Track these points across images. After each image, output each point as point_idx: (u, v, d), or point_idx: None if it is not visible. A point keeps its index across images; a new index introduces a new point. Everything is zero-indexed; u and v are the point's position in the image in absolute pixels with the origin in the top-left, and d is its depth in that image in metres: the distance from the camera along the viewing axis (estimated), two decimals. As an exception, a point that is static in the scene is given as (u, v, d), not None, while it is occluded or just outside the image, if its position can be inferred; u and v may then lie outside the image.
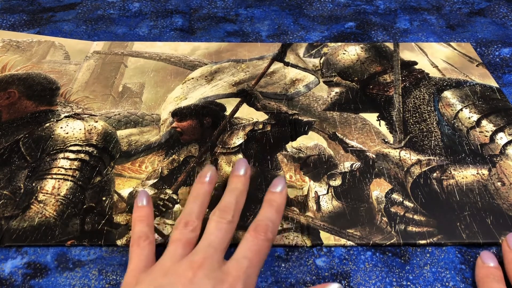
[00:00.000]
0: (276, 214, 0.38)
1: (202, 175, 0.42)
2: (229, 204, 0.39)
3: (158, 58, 0.64)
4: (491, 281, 0.37)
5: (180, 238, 0.36)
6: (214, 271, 0.33)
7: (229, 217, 0.37)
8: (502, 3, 0.77)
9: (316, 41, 0.68)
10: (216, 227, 0.37)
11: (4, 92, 0.57)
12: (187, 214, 0.38)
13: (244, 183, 0.41)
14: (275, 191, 0.40)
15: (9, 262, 0.40)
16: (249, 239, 0.36)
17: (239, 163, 0.42)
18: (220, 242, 0.36)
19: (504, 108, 0.55)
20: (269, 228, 0.36)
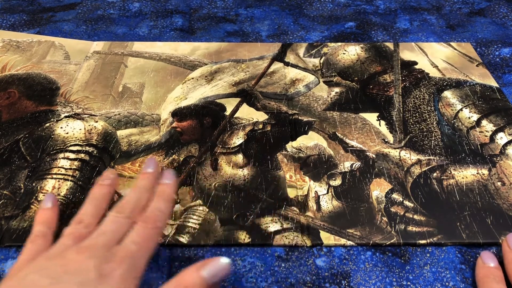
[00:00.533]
0: (166, 204, 0.39)
1: (102, 178, 0.42)
2: (129, 201, 0.39)
3: (158, 58, 0.64)
4: (491, 281, 0.37)
5: (72, 232, 0.36)
6: (100, 252, 0.33)
7: (126, 212, 0.37)
8: (502, 3, 0.77)
9: (316, 41, 0.68)
10: (111, 220, 0.37)
11: (4, 92, 0.57)
12: (82, 214, 0.38)
13: (151, 180, 0.41)
14: (164, 182, 0.41)
15: (9, 262, 0.40)
16: (138, 228, 0.36)
17: (148, 161, 0.42)
18: (112, 232, 0.36)
19: (504, 108, 0.55)
20: (158, 218, 0.37)
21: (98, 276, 0.32)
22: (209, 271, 0.34)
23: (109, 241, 0.35)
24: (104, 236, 0.35)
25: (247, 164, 0.49)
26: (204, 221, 0.44)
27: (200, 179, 0.48)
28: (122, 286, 0.32)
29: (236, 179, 0.47)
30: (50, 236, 0.38)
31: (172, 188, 0.40)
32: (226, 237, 0.42)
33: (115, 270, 0.32)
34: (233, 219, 0.44)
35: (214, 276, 0.34)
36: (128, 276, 0.33)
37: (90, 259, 0.33)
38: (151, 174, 0.41)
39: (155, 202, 0.39)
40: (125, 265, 0.33)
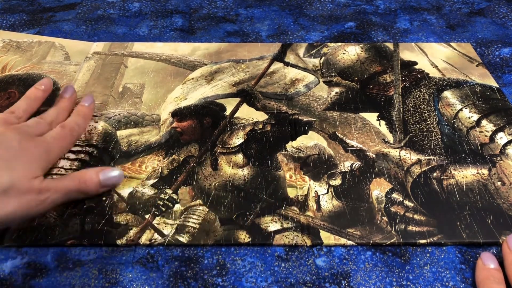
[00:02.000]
0: (83, 120, 0.49)
1: (40, 83, 0.51)
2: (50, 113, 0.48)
3: (158, 58, 0.65)
4: (492, 282, 0.37)
5: (3, 117, 0.44)
6: (24, 134, 0.42)
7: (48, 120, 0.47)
8: (502, 3, 0.77)
9: (316, 41, 0.68)
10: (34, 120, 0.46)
11: (4, 93, 0.57)
12: (15, 107, 0.47)
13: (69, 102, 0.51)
14: (84, 105, 0.51)
15: (9, 262, 0.40)
16: (56, 129, 0.46)
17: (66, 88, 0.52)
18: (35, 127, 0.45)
19: (504, 108, 0.55)
20: (74, 127, 0.48)
21: (19, 148, 0.41)
22: (104, 175, 0.44)
23: (31, 131, 0.44)
24: (27, 127, 0.44)
25: (247, 164, 0.49)
26: (204, 221, 0.44)
27: (200, 179, 0.48)
28: (35, 161, 0.41)
29: (236, 179, 0.47)
30: None
31: (90, 110, 0.51)
32: (226, 236, 0.42)
33: (32, 148, 0.42)
34: (233, 219, 0.44)
35: (108, 179, 0.44)
36: (41, 156, 0.42)
37: (14, 134, 0.42)
38: (68, 98, 0.51)
39: (73, 117, 0.49)
40: (40, 148, 0.42)
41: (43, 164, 0.43)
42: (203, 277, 0.39)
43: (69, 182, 0.42)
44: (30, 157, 0.41)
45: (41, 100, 0.49)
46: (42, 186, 0.40)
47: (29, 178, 0.40)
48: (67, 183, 0.42)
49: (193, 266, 0.40)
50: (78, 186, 0.42)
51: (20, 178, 0.39)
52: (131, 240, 0.42)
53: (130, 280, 0.39)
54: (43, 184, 0.40)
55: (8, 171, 0.39)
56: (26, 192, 0.39)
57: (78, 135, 0.48)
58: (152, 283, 0.39)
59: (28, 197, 0.39)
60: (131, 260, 0.40)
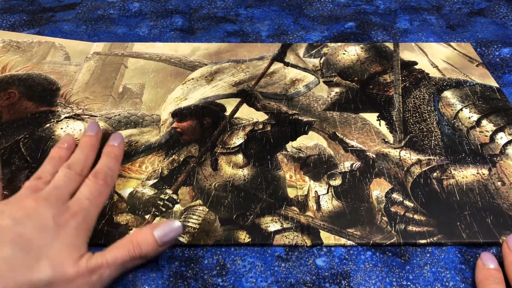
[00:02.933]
0: (114, 163, 0.43)
1: (62, 141, 0.45)
2: (78, 158, 0.42)
3: (158, 58, 0.65)
4: (491, 283, 0.37)
5: (30, 186, 0.39)
6: (56, 204, 0.37)
7: (77, 169, 0.41)
8: (502, 3, 0.77)
9: (316, 41, 0.68)
10: (63, 174, 0.40)
11: (4, 93, 0.57)
12: (41, 171, 0.41)
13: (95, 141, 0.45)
14: (113, 144, 0.45)
15: (9, 262, 0.40)
16: (89, 183, 0.40)
17: (90, 125, 0.46)
18: (65, 186, 0.39)
19: (504, 108, 0.55)
20: (108, 175, 0.41)
21: (55, 225, 0.35)
22: (160, 231, 0.38)
23: (63, 195, 0.38)
24: (58, 190, 0.38)
25: (247, 164, 0.49)
26: (204, 221, 0.44)
27: (200, 179, 0.48)
28: (76, 236, 0.36)
29: (236, 179, 0.47)
30: None
31: (119, 149, 0.45)
32: (226, 237, 0.42)
33: (69, 221, 0.36)
34: (233, 219, 0.44)
35: (165, 235, 0.38)
36: (81, 227, 0.37)
37: (47, 208, 0.36)
38: (94, 136, 0.45)
39: (104, 161, 0.43)
40: (79, 218, 0.37)
41: (85, 236, 0.37)
42: (203, 277, 0.39)
43: (120, 251, 0.37)
44: (69, 234, 0.35)
45: (66, 158, 0.43)
46: (91, 265, 0.35)
47: (74, 260, 0.34)
48: (118, 254, 0.36)
49: (193, 266, 0.40)
50: (132, 254, 0.37)
51: (64, 265, 0.34)
52: (131, 240, 0.42)
53: (130, 280, 0.39)
54: (91, 262, 0.35)
55: (48, 260, 0.33)
56: (75, 278, 0.34)
57: (113, 183, 0.42)
58: (152, 283, 0.39)
59: (79, 283, 0.34)
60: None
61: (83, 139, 0.45)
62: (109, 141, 0.45)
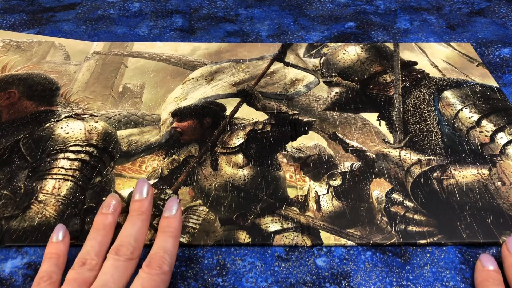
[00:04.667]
0: (172, 241, 0.37)
1: (104, 205, 0.40)
2: (128, 237, 0.36)
3: (158, 58, 0.65)
4: (491, 284, 0.37)
5: (76, 278, 0.34)
6: None
7: (127, 254, 0.35)
8: (502, 3, 0.77)
9: (316, 41, 0.68)
10: (112, 265, 0.35)
11: (4, 92, 0.57)
12: (85, 253, 0.36)
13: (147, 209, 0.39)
14: (168, 216, 0.38)
15: (9, 262, 0.40)
16: (143, 275, 0.34)
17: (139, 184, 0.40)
18: (115, 281, 0.34)
19: (504, 108, 0.55)
20: (164, 261, 0.35)
21: None
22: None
23: None
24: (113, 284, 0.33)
25: (247, 164, 0.49)
26: (204, 221, 0.44)
27: (200, 179, 0.48)
28: None
29: (236, 179, 0.47)
30: (57, 275, 0.36)
31: (177, 222, 0.38)
32: (226, 237, 0.42)
33: None
34: (233, 219, 0.44)
35: None
36: None
37: None
38: (145, 200, 0.39)
39: (159, 241, 0.36)
40: None
41: None
42: (203, 277, 0.39)
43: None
44: None
45: (113, 227, 0.38)
46: None
47: None
48: None
49: (193, 266, 0.40)
50: None
51: None
52: (131, 240, 0.42)
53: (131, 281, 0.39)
54: None
55: None
56: None
57: (171, 268, 0.36)
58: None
59: None
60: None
61: (132, 206, 0.39)
62: (164, 211, 0.38)
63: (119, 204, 0.40)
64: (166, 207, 0.38)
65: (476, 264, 0.39)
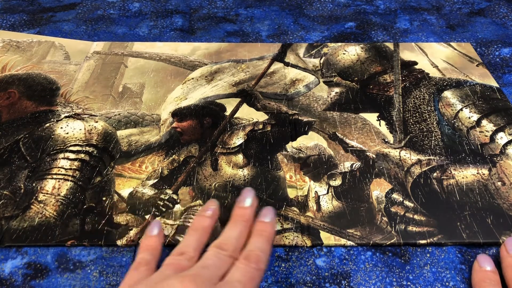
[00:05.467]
0: (267, 245, 0.37)
1: (204, 209, 0.40)
2: (230, 236, 0.37)
3: (158, 58, 0.64)
4: (488, 285, 0.37)
5: (173, 263, 0.35)
6: (206, 282, 0.32)
7: (229, 250, 0.36)
8: (502, 3, 0.77)
9: (316, 41, 0.68)
10: (213, 255, 0.36)
11: (4, 92, 0.57)
12: (184, 246, 0.37)
13: (250, 215, 0.39)
14: (264, 221, 0.39)
15: (9, 262, 0.40)
16: (241, 267, 0.35)
17: (246, 193, 0.41)
18: (215, 267, 0.34)
19: (504, 108, 0.55)
20: (260, 258, 0.35)
21: None
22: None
23: (213, 276, 0.33)
24: (207, 270, 0.34)
25: (247, 164, 0.49)
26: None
27: (200, 179, 0.48)
28: None
29: (236, 179, 0.47)
30: (153, 265, 0.37)
31: (273, 228, 0.39)
32: (226, 237, 0.42)
33: None
34: (233, 219, 0.44)
35: None
36: None
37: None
38: (249, 209, 0.39)
39: (256, 241, 0.37)
40: None
41: None
42: (203, 277, 0.39)
43: None
44: None
45: (211, 229, 0.39)
46: None
47: None
48: None
49: (193, 266, 0.40)
50: None
51: None
52: (131, 240, 0.42)
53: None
54: None
55: None
56: None
57: (265, 267, 0.36)
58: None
59: None
60: (132, 261, 0.40)
61: (236, 212, 0.39)
62: (260, 216, 0.39)
63: (217, 211, 0.41)
64: (264, 213, 0.39)
65: (474, 265, 0.39)
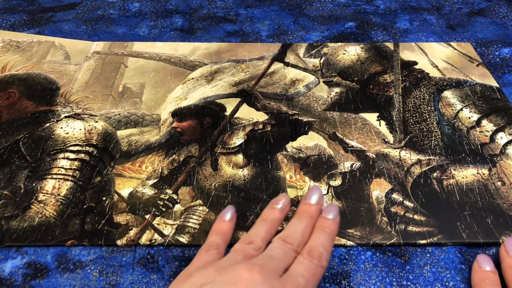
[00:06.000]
0: (329, 242, 0.37)
1: (275, 201, 0.40)
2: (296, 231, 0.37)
3: (158, 58, 0.64)
4: (488, 285, 0.37)
5: (242, 250, 0.36)
6: (272, 279, 0.32)
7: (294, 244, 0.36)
8: (502, 3, 0.77)
9: (316, 41, 0.68)
10: (279, 247, 0.36)
11: (4, 92, 0.57)
12: (253, 235, 0.37)
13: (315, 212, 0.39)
14: (328, 218, 0.38)
15: (9, 262, 0.40)
16: (304, 261, 0.35)
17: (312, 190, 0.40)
18: (281, 259, 0.35)
19: (504, 107, 0.55)
20: (322, 255, 0.35)
21: None
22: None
23: (278, 268, 0.34)
24: (274, 261, 0.34)
25: (247, 164, 0.49)
26: (204, 221, 0.44)
27: (200, 179, 0.48)
28: None
29: (236, 179, 0.47)
30: (222, 248, 0.38)
31: (336, 226, 0.38)
32: (226, 237, 0.42)
33: None
34: (233, 219, 0.44)
35: None
36: None
37: (262, 283, 0.32)
38: (315, 206, 0.39)
39: (318, 237, 0.37)
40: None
41: None
42: (203, 277, 0.39)
43: None
44: None
45: (280, 221, 0.39)
46: None
47: None
48: None
49: (193, 266, 0.40)
50: None
51: None
52: (131, 240, 0.42)
53: (131, 282, 0.39)
54: None
55: None
56: None
57: (327, 264, 0.36)
58: (152, 283, 0.39)
59: None
60: (132, 261, 0.40)
61: (302, 207, 0.39)
62: (323, 212, 0.39)
63: (288, 205, 0.41)
64: (328, 210, 0.39)
65: (473, 265, 0.39)
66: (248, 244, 0.36)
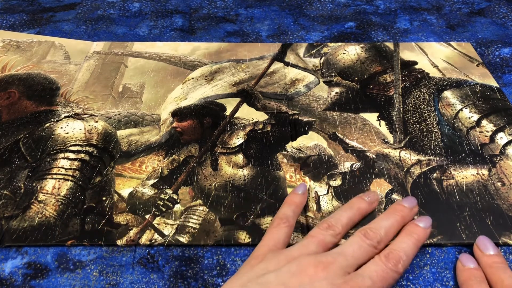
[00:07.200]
0: (413, 248, 0.36)
1: (365, 194, 0.42)
2: (380, 227, 0.37)
3: (158, 58, 0.64)
4: (475, 283, 0.36)
5: (317, 236, 0.36)
6: (335, 277, 0.32)
7: (374, 241, 0.36)
8: (502, 3, 0.77)
9: (316, 41, 0.68)
10: (356, 243, 0.35)
11: (4, 92, 0.57)
12: (334, 220, 0.38)
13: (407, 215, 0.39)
14: (418, 225, 0.38)
15: (9, 262, 0.40)
16: (379, 263, 0.34)
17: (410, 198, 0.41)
18: (354, 257, 0.34)
19: (504, 108, 0.55)
20: (401, 260, 0.35)
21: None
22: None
23: (348, 266, 0.34)
24: (344, 258, 0.34)
25: (247, 164, 0.49)
26: (204, 221, 0.44)
27: (200, 179, 0.48)
28: None
29: (236, 179, 0.47)
30: (293, 220, 0.39)
31: (425, 235, 0.38)
32: (226, 237, 0.42)
33: None
34: (233, 219, 0.44)
35: None
36: None
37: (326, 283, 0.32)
38: (410, 209, 0.39)
39: (402, 241, 0.36)
40: None
41: None
42: (203, 277, 0.39)
43: None
44: None
45: (365, 213, 0.39)
46: None
47: None
48: None
49: (193, 266, 0.40)
50: None
51: None
52: (131, 240, 0.42)
53: (131, 282, 0.39)
54: None
55: None
56: None
57: (403, 271, 0.35)
58: (152, 283, 0.39)
59: None
60: (132, 261, 0.40)
61: (396, 206, 0.39)
62: (416, 220, 0.38)
63: (377, 201, 0.42)
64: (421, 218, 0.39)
65: (457, 264, 0.39)
66: (326, 229, 0.36)
